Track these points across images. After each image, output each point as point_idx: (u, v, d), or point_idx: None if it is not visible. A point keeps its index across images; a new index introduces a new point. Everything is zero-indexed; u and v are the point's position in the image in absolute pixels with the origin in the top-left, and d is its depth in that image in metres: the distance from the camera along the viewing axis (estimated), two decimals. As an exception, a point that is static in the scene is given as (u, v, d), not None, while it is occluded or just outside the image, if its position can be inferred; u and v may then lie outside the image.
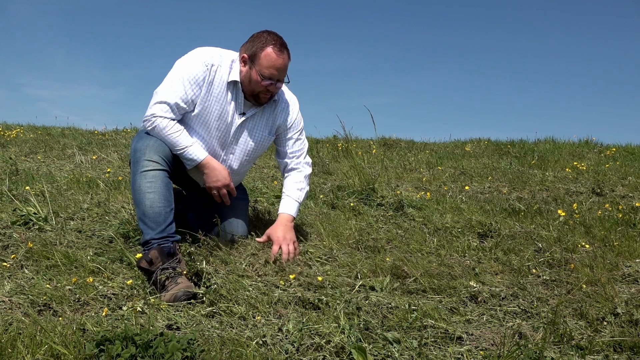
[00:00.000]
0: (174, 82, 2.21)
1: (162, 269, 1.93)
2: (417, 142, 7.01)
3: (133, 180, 2.13)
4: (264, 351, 1.52)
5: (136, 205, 2.11)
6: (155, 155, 2.14)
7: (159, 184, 2.10)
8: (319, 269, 2.22)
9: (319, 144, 6.25)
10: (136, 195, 2.10)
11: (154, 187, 2.08)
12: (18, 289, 1.87)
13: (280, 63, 2.20)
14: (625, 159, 5.46)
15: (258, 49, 2.20)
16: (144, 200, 2.07)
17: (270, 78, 2.21)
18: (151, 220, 2.05)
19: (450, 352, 1.56)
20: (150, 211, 2.06)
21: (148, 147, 2.15)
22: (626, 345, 1.62)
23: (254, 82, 2.23)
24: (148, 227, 2.05)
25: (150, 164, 2.12)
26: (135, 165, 2.14)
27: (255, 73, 2.21)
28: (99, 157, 4.98)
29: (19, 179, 3.76)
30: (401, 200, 3.25)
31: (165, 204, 2.09)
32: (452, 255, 2.43)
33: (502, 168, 4.96)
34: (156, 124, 2.19)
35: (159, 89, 2.24)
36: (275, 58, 2.19)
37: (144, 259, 1.97)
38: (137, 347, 1.42)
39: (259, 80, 2.21)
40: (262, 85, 2.22)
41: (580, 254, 2.45)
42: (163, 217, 2.06)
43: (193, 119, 2.28)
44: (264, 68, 2.19)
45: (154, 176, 2.10)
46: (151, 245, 2.02)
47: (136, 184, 2.10)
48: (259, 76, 2.20)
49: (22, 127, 6.93)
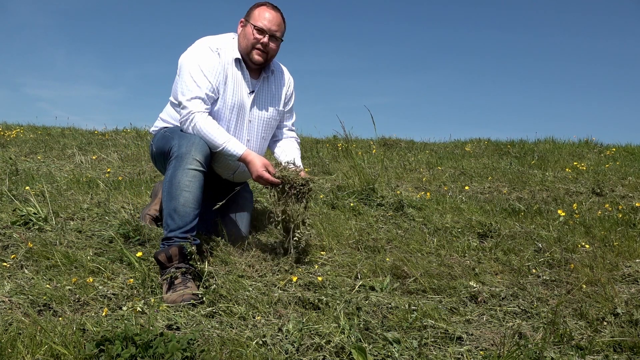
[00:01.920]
0: (195, 76, 2.24)
1: (177, 267, 1.94)
2: (417, 142, 7.01)
3: (173, 174, 2.11)
4: (264, 351, 1.52)
5: (169, 198, 2.10)
6: (200, 155, 2.15)
7: (197, 184, 2.11)
8: (319, 269, 2.22)
9: (319, 144, 6.24)
10: (172, 189, 2.09)
11: (192, 187, 2.10)
12: (18, 289, 1.87)
13: (273, 16, 2.32)
14: (625, 159, 5.46)
15: (253, 9, 2.36)
16: (179, 197, 2.07)
17: (263, 29, 2.29)
18: (180, 218, 2.06)
19: (450, 352, 1.56)
20: (182, 209, 2.07)
21: (195, 145, 2.15)
22: (626, 345, 1.62)
23: (249, 36, 2.31)
24: (175, 223, 2.06)
25: (195, 163, 2.12)
26: (180, 160, 2.13)
27: (249, 28, 2.31)
28: (99, 157, 4.98)
29: (19, 179, 3.76)
30: (401, 200, 3.25)
31: (196, 206, 2.10)
32: (452, 255, 2.43)
33: (502, 168, 4.96)
34: (195, 121, 2.20)
35: (182, 88, 2.25)
36: (268, 11, 2.32)
37: (163, 252, 1.97)
38: (137, 347, 1.42)
39: (253, 32, 2.29)
40: (255, 37, 2.29)
41: (580, 254, 2.45)
42: (191, 218, 2.08)
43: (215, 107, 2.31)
44: (257, 21, 2.31)
45: (194, 176, 2.12)
46: (173, 242, 2.03)
47: (176, 179, 2.10)
48: (252, 29, 2.30)
49: (22, 127, 6.93)
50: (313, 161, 5.11)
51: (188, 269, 1.96)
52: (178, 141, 2.19)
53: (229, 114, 2.34)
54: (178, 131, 2.28)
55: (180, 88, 2.25)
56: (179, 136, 2.22)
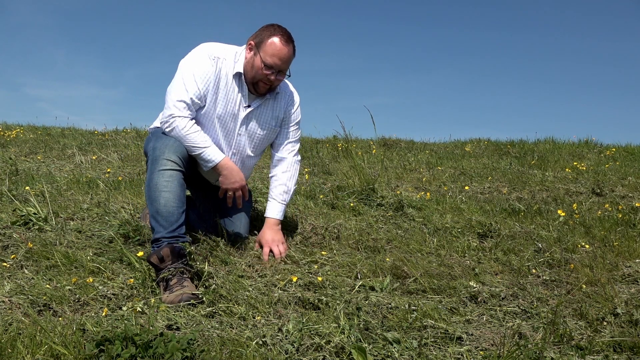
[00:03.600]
0: (186, 79, 2.23)
1: (171, 268, 1.93)
2: (417, 142, 7.01)
3: (149, 178, 2.13)
4: (264, 351, 1.52)
5: (149, 202, 2.11)
6: (174, 155, 2.15)
7: (175, 184, 2.11)
8: (319, 269, 2.22)
9: (319, 144, 6.24)
10: (151, 193, 2.10)
11: (170, 187, 2.10)
12: (18, 289, 1.87)
13: (284, 53, 2.23)
14: (625, 159, 5.46)
15: (265, 36, 2.25)
16: (159, 199, 2.08)
17: (272, 67, 2.23)
18: (164, 218, 2.06)
19: (450, 352, 1.56)
20: (164, 210, 2.07)
21: (167, 147, 2.16)
22: (626, 345, 1.62)
23: (256, 69, 2.25)
24: (160, 225, 2.06)
25: (168, 164, 2.13)
26: (154, 163, 2.14)
27: (258, 59, 2.24)
28: (99, 158, 4.98)
29: (19, 179, 3.76)
30: (401, 201, 3.25)
31: (179, 204, 2.10)
32: (452, 256, 2.43)
33: (502, 168, 4.96)
34: (174, 125, 2.20)
35: (171, 89, 2.25)
36: (280, 47, 2.22)
37: (155, 254, 1.97)
38: (137, 347, 1.42)
39: (261, 67, 2.24)
40: (263, 73, 2.24)
41: (580, 254, 2.45)
42: (175, 217, 2.08)
43: (202, 114, 2.29)
44: (267, 55, 2.22)
45: (171, 176, 2.12)
46: (162, 243, 2.02)
47: (152, 182, 2.11)
48: (261, 63, 2.23)
49: (22, 127, 6.93)
50: (313, 161, 5.11)
51: (183, 268, 1.95)
52: (153, 144, 2.20)
53: (216, 123, 2.31)
54: (158, 133, 2.28)
55: (170, 89, 2.26)
56: (155, 139, 2.23)
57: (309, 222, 2.80)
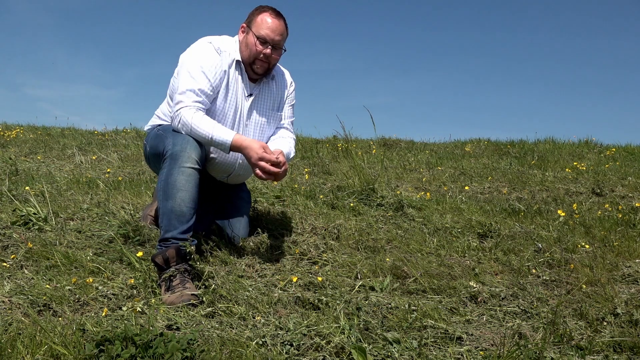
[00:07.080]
0: (193, 72, 2.20)
1: (175, 268, 1.92)
2: (417, 142, 7.01)
3: (169, 173, 2.07)
4: (264, 351, 1.52)
5: (164, 197, 2.05)
6: (196, 154, 2.11)
7: (192, 184, 2.07)
8: (319, 269, 2.22)
9: (319, 144, 6.24)
10: (168, 189, 2.04)
11: (188, 187, 2.05)
12: (18, 289, 1.86)
13: (275, 25, 2.26)
14: (625, 159, 5.46)
15: (255, 15, 2.30)
16: (175, 197, 2.03)
17: (265, 39, 2.25)
18: (177, 218, 2.03)
19: (450, 352, 1.56)
20: (178, 209, 2.03)
21: (189, 144, 2.11)
22: (626, 345, 1.62)
23: (250, 46, 2.27)
24: (171, 225, 2.02)
25: (190, 162, 2.08)
26: (175, 158, 2.08)
27: (251, 36, 2.27)
28: (99, 158, 4.98)
29: (18, 179, 3.76)
30: (401, 201, 3.25)
31: (193, 205, 2.06)
32: (452, 256, 2.43)
33: (502, 168, 4.96)
34: (182, 115, 2.14)
35: (177, 83, 2.23)
36: (271, 20, 2.26)
37: (160, 254, 1.95)
38: (137, 348, 1.42)
39: (255, 42, 2.25)
40: (258, 49, 2.25)
41: (580, 254, 2.45)
42: (187, 217, 2.04)
43: (214, 110, 2.28)
44: (259, 29, 2.25)
45: (190, 175, 2.07)
46: (170, 243, 2.00)
47: (172, 178, 2.05)
48: (255, 38, 2.25)
49: (22, 127, 6.93)
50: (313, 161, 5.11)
51: (186, 269, 1.94)
52: (172, 140, 2.14)
53: (228, 114, 2.31)
54: (171, 130, 2.24)
55: (176, 85, 2.23)
56: (173, 135, 2.18)
57: (309, 222, 2.80)
